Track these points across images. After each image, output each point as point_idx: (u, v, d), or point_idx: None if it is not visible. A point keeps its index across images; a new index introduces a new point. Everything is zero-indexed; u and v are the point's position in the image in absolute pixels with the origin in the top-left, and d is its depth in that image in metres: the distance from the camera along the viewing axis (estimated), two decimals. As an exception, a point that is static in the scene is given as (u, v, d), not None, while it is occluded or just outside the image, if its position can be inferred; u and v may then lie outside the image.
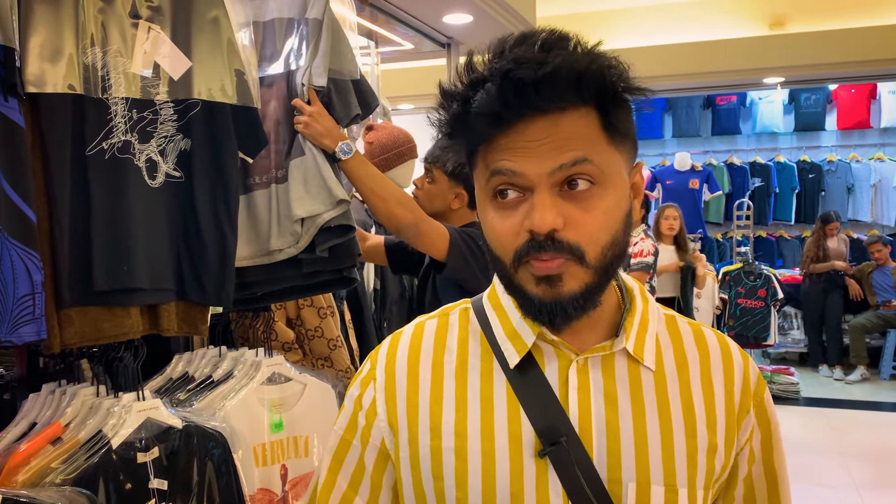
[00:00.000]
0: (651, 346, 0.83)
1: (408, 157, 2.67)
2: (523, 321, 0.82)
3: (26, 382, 1.59)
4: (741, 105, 8.26)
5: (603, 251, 0.76)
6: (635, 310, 0.84)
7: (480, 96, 0.73)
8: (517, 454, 0.78)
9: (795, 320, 7.45)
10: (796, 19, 6.29)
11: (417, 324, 0.90)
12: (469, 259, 2.00)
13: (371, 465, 0.86)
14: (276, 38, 1.73)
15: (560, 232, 0.74)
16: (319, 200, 1.68)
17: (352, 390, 0.89)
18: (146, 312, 1.47)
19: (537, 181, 0.74)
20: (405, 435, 0.83)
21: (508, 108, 0.73)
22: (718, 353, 0.86)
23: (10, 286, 1.19)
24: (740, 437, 0.85)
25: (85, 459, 1.31)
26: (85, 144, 1.35)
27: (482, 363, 0.84)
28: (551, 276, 0.75)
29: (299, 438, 1.76)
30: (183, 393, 1.66)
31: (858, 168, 7.97)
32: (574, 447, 0.77)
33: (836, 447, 5.00)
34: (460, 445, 0.80)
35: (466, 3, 3.35)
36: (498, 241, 0.78)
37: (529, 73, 0.71)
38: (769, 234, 8.33)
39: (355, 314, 2.54)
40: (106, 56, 1.38)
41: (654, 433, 0.80)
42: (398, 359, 0.87)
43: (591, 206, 0.75)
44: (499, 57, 0.74)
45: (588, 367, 0.81)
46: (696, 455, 0.80)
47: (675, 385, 0.82)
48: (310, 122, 1.70)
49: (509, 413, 0.80)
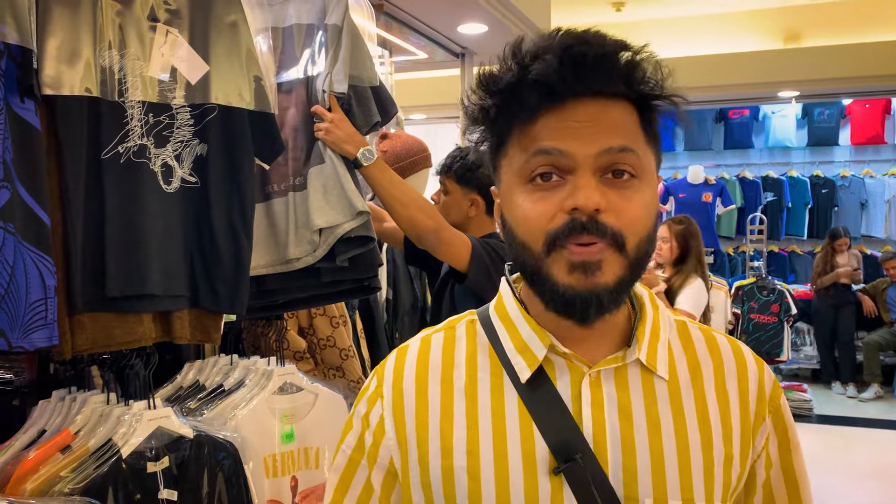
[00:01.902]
0: (664, 356, 0.81)
1: (422, 167, 2.65)
2: (533, 333, 0.80)
3: (36, 389, 1.57)
4: (754, 119, 8.22)
5: (640, 243, 0.75)
6: (646, 318, 0.82)
7: (539, 65, 0.73)
8: (531, 472, 0.76)
9: (808, 336, 7.38)
10: (811, 33, 6.28)
11: (423, 337, 0.88)
12: (491, 271, 1.97)
13: (379, 486, 0.83)
14: (295, 44, 1.72)
15: (602, 215, 0.73)
16: (339, 210, 1.66)
17: (359, 408, 0.87)
18: (159, 319, 1.45)
19: (582, 162, 0.73)
20: (414, 455, 0.80)
21: (564, 82, 0.72)
22: (732, 359, 0.84)
23: (23, 291, 1.18)
24: (756, 446, 0.83)
25: (94, 468, 1.29)
26: (100, 148, 1.34)
27: (492, 378, 0.81)
28: (589, 263, 0.73)
29: (310, 450, 1.73)
30: (194, 402, 1.65)
31: (872, 183, 7.92)
32: (589, 464, 0.75)
33: (849, 466, 4.93)
34: (472, 465, 0.77)
35: (481, 12, 3.34)
36: (528, 226, 0.76)
37: (591, 51, 0.72)
38: (781, 249, 8.27)
39: (367, 324, 2.52)
40: (123, 59, 1.37)
41: (671, 447, 0.77)
42: (406, 375, 0.84)
43: (632, 197, 0.75)
44: (552, 37, 0.74)
45: (601, 381, 0.79)
46: (713, 468, 0.78)
47: (689, 395, 0.80)
48: (331, 129, 1.69)
49: (522, 430, 0.78)
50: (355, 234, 1.68)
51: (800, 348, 7.37)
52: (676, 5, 6.31)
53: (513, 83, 0.75)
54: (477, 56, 4.07)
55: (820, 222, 8.02)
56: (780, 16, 6.32)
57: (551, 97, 0.74)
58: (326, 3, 1.70)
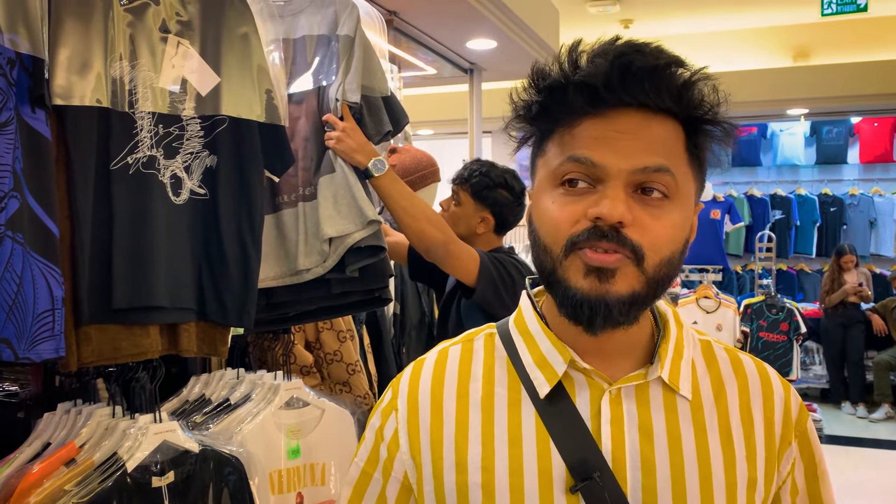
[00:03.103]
0: (687, 374, 0.79)
1: (431, 181, 2.65)
2: (553, 348, 0.79)
3: (41, 401, 1.56)
4: (762, 137, 8.22)
5: (660, 263, 0.73)
6: (670, 336, 0.80)
7: (588, 68, 0.72)
8: (547, 490, 0.74)
9: (817, 355, 7.32)
10: (821, 51, 6.28)
11: (440, 350, 0.86)
12: (499, 285, 1.95)
13: (393, 500, 0.82)
14: (307, 54, 1.71)
15: (626, 229, 0.71)
16: (349, 220, 1.65)
17: (373, 421, 0.86)
18: (165, 332, 1.43)
19: (615, 175, 0.72)
20: (429, 469, 0.79)
21: (610, 89, 0.71)
22: (758, 381, 0.82)
23: (31, 301, 1.17)
24: (781, 471, 0.81)
25: (99, 482, 1.27)
26: (109, 158, 1.33)
27: (509, 393, 0.80)
28: (605, 269, 0.71)
29: (316, 466, 1.71)
30: (199, 415, 1.63)
31: (881, 202, 7.89)
32: (608, 483, 0.73)
33: (859, 487, 4.86)
34: (487, 481, 0.76)
35: (491, 28, 3.35)
36: (552, 227, 0.74)
37: (643, 62, 0.71)
38: (790, 268, 8.23)
39: (374, 339, 2.50)
40: (134, 70, 1.36)
41: (692, 468, 0.75)
42: (421, 388, 0.83)
43: (661, 216, 0.73)
44: (611, 43, 0.73)
45: (622, 398, 0.77)
46: (736, 490, 0.76)
47: (713, 416, 0.78)
48: (342, 138, 1.68)
49: (539, 446, 0.76)
50: (366, 244, 1.66)
51: (809, 367, 7.31)
52: (685, 23, 6.33)
53: (560, 83, 0.74)
54: (486, 72, 4.08)
55: (829, 240, 7.99)
56: (789, 33, 6.32)
57: (595, 103, 0.72)
58: (338, 15, 1.70)
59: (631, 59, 0.71)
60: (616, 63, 0.71)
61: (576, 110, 0.73)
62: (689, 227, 0.77)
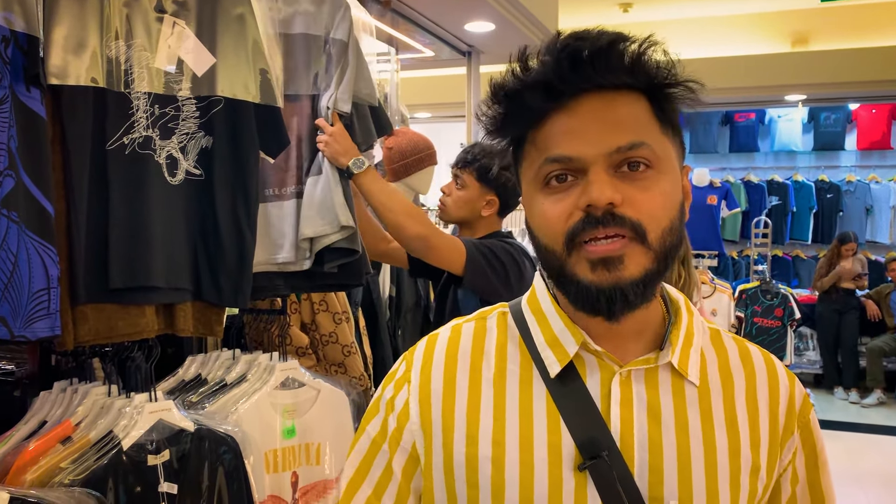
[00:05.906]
0: (696, 361, 0.81)
1: (427, 164, 2.65)
2: (566, 329, 0.80)
3: (38, 380, 1.57)
4: (760, 122, 8.20)
5: (663, 234, 0.74)
6: (681, 322, 0.82)
7: (538, 67, 0.74)
8: (556, 466, 0.76)
9: (811, 341, 7.36)
10: (819, 37, 6.26)
11: (454, 326, 0.87)
12: (488, 273, 1.97)
13: (400, 470, 0.83)
14: (303, 53, 1.73)
15: (619, 208, 0.72)
16: (326, 222, 1.70)
17: (385, 392, 0.86)
18: (161, 312, 1.44)
19: (594, 161, 0.73)
20: (439, 440, 0.80)
21: (563, 80, 0.73)
22: (764, 371, 0.84)
23: (26, 280, 1.17)
24: (783, 459, 0.82)
25: (95, 460, 1.28)
26: (105, 139, 1.33)
27: (521, 371, 0.81)
28: (611, 258, 0.72)
29: (311, 446, 1.73)
30: (195, 395, 1.64)
31: (878, 189, 7.89)
32: (615, 462, 0.75)
33: (852, 472, 4.91)
34: (498, 454, 0.77)
35: (489, 11, 3.33)
36: (547, 227, 0.76)
37: (586, 46, 0.72)
38: (785, 254, 8.25)
39: (370, 321, 2.51)
40: (130, 50, 1.36)
41: (698, 450, 0.77)
42: (435, 361, 0.84)
43: (649, 187, 0.74)
44: (553, 41, 0.75)
45: (631, 380, 0.78)
46: (740, 475, 0.77)
47: (719, 402, 0.80)
48: (330, 142, 1.74)
49: (549, 424, 0.77)
50: (339, 246, 1.72)
51: (803, 353, 7.35)
52: (684, 7, 6.29)
53: (516, 88, 0.76)
54: (484, 55, 4.06)
55: (825, 227, 8.00)
56: (788, 19, 6.30)
57: (553, 97, 0.74)
58: (332, 15, 1.72)
59: (577, 47, 0.72)
60: (563, 54, 0.73)
61: (538, 110, 0.75)
62: (680, 190, 0.78)
